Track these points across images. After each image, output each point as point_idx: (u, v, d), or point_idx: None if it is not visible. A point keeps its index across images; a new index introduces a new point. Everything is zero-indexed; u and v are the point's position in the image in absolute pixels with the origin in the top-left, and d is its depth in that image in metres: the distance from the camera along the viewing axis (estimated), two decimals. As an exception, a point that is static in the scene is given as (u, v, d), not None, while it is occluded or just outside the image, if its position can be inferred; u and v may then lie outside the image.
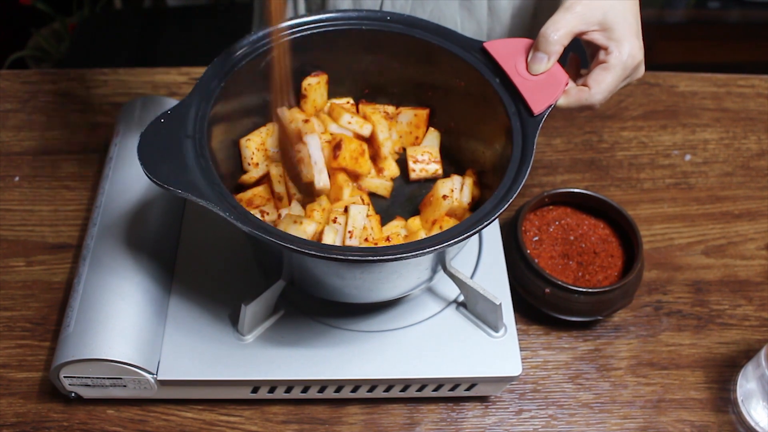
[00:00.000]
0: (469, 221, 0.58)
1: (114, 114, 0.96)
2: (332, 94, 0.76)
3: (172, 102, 0.85)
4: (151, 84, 1.00)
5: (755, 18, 2.02)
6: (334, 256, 0.54)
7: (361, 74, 0.76)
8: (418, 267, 0.64)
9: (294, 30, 0.69)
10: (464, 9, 0.91)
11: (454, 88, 0.72)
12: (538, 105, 0.64)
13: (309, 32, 0.70)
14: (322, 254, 0.54)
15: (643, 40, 0.66)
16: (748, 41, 2.03)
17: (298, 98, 0.74)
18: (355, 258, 0.55)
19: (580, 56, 0.70)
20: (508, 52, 0.66)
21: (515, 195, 0.58)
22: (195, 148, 0.60)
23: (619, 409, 0.74)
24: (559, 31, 0.63)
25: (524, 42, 0.66)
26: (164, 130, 0.61)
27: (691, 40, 2.03)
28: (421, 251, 0.55)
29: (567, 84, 0.65)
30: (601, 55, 0.65)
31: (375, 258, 0.55)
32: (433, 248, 0.55)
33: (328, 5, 0.93)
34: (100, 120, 0.96)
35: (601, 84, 0.64)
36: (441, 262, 0.67)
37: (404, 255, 0.54)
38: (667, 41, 2.00)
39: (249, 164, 0.71)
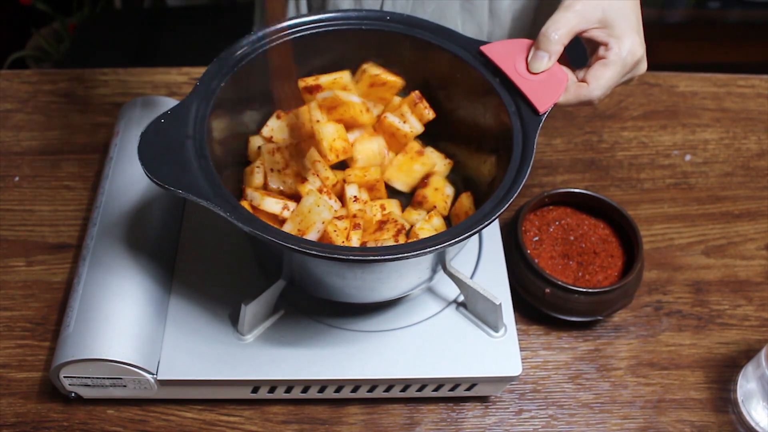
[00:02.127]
0: (469, 221, 0.57)
1: (114, 114, 0.95)
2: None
3: (172, 102, 0.85)
4: (151, 84, 1.00)
5: (755, 18, 2.02)
6: (335, 255, 0.54)
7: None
8: (418, 267, 0.64)
9: (294, 30, 0.69)
10: (465, 10, 0.91)
11: (454, 87, 0.72)
12: (542, 104, 0.64)
13: (309, 32, 0.70)
14: (323, 254, 0.54)
15: (644, 39, 0.66)
16: (748, 41, 2.03)
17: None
18: (355, 258, 0.55)
19: (579, 55, 0.70)
20: (506, 54, 0.66)
21: (515, 195, 0.58)
22: (195, 148, 0.60)
23: (619, 409, 0.74)
24: (559, 30, 0.63)
25: (522, 42, 0.66)
26: (164, 130, 0.61)
27: (691, 40, 2.03)
28: (421, 251, 0.55)
29: (567, 82, 0.65)
30: (601, 51, 0.65)
31: (375, 258, 0.55)
32: (433, 248, 0.55)
33: (329, 5, 0.93)
34: (100, 120, 0.96)
35: (600, 80, 0.64)
36: (441, 262, 0.67)
37: (404, 255, 0.54)
38: (667, 41, 2.00)
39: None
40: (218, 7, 1.84)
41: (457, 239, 0.56)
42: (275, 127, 0.72)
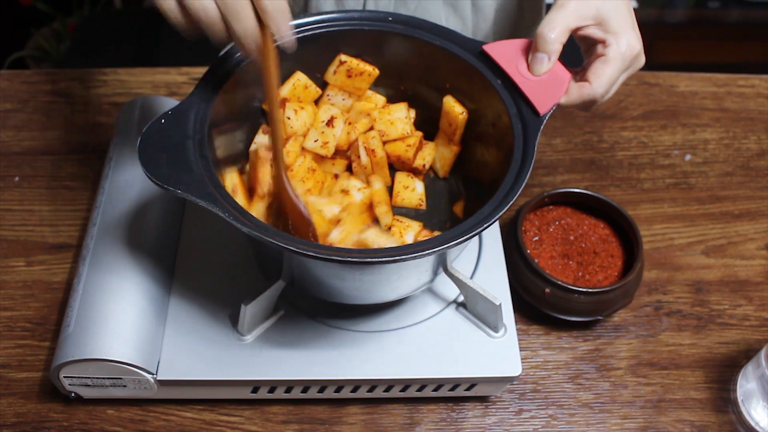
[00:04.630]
0: (470, 223, 0.57)
1: (114, 114, 0.96)
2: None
3: (172, 102, 0.85)
4: (151, 84, 1.00)
5: (755, 18, 2.02)
6: (334, 257, 0.54)
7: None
8: (419, 268, 0.64)
9: (296, 30, 0.69)
10: (448, 6, 0.91)
11: (456, 89, 0.72)
12: (543, 105, 0.64)
13: (311, 32, 0.70)
14: (322, 256, 0.54)
15: (643, 40, 0.66)
16: (748, 41, 2.03)
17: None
18: (354, 260, 0.55)
19: (575, 55, 0.70)
20: (508, 54, 0.66)
21: (516, 197, 0.58)
22: (195, 149, 0.60)
23: (619, 409, 0.74)
24: (555, 29, 0.63)
25: (524, 42, 0.66)
26: (164, 131, 0.61)
27: (691, 40, 2.03)
28: (421, 253, 0.55)
29: (570, 81, 0.65)
30: (599, 48, 0.65)
31: (375, 260, 0.55)
32: (433, 250, 0.55)
33: (311, 7, 0.92)
34: (100, 120, 0.96)
35: (602, 77, 0.63)
36: (442, 264, 0.67)
37: (404, 257, 0.54)
38: (667, 41, 2.00)
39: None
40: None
41: (456, 241, 0.55)
42: (262, 144, 0.71)
